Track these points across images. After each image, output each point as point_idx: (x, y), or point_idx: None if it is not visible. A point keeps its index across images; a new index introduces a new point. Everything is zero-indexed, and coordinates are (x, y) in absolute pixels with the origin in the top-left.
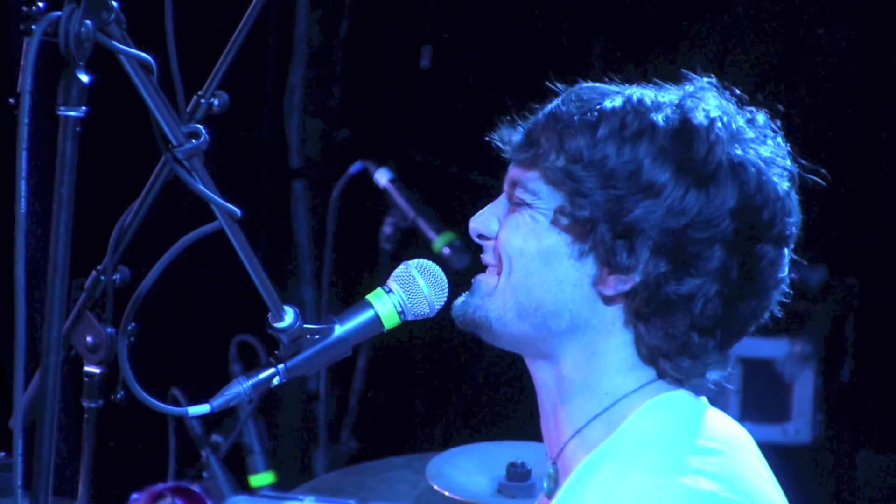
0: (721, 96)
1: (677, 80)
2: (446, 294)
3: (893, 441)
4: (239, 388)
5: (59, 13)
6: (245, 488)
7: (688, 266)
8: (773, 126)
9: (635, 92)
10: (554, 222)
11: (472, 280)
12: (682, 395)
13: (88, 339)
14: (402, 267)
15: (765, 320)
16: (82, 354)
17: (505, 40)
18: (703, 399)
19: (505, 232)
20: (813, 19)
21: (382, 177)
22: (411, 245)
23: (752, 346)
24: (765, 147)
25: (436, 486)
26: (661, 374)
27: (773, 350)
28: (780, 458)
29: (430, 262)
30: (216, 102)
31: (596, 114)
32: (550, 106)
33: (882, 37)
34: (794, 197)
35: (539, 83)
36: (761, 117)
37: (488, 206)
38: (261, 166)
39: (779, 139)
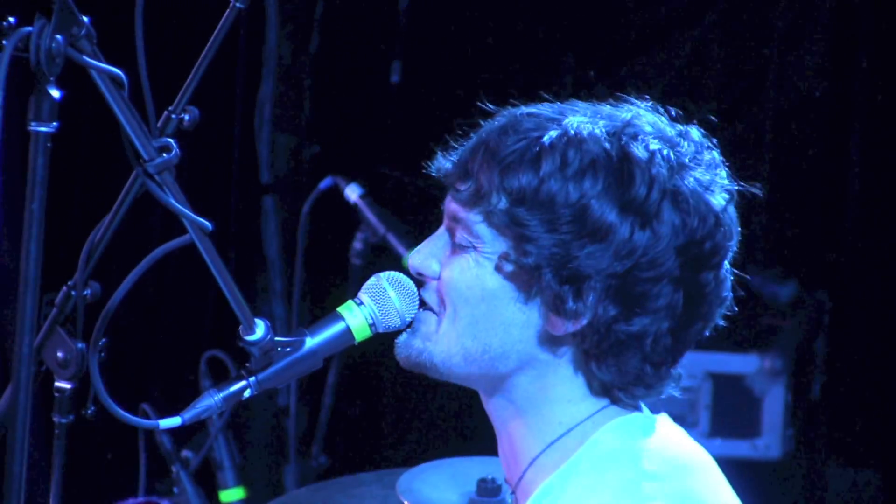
0: (657, 115)
1: (647, 94)
2: (417, 307)
3: (863, 456)
4: (210, 400)
5: (29, 28)
6: (215, 503)
7: (636, 306)
8: (708, 142)
9: (571, 121)
10: (498, 268)
11: (413, 318)
12: (637, 418)
13: (59, 354)
14: (373, 279)
15: (736, 336)
16: (53, 370)
17: (475, 56)
18: (662, 417)
19: (449, 275)
20: (783, 33)
21: (353, 192)
22: (382, 260)
23: (723, 362)
24: (701, 170)
25: (406, 502)
26: (615, 402)
27: (743, 365)
28: (750, 473)
29: (401, 275)
30: (186, 117)
31: (536, 149)
32: (483, 134)
33: (851, 50)
34: (734, 215)
35: (509, 99)
36: (695, 132)
37: (427, 241)
38: (231, 182)
39: (714, 153)
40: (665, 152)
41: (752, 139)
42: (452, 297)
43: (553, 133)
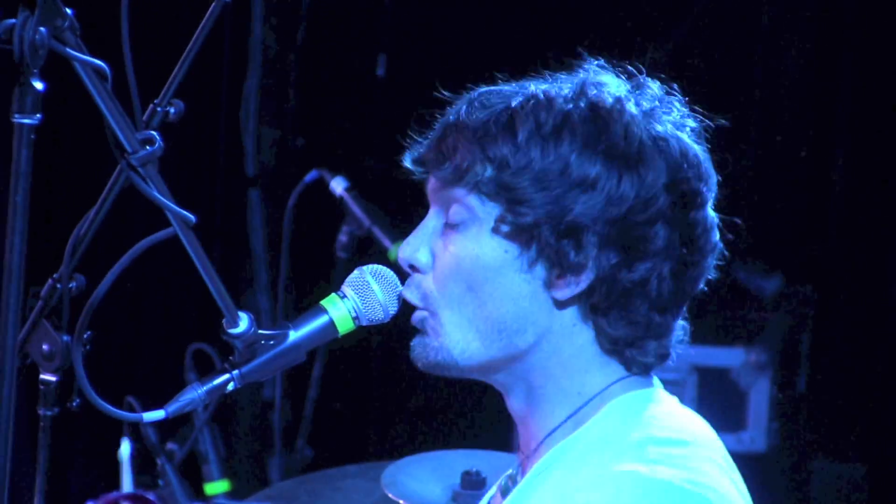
0: (611, 73)
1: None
2: (401, 300)
3: (848, 450)
4: (194, 393)
5: (13, 20)
6: (200, 496)
7: (636, 251)
8: (667, 89)
9: (534, 87)
10: (496, 230)
11: (415, 322)
12: (651, 392)
13: (44, 347)
14: (356, 272)
15: (722, 329)
16: (38, 362)
17: (460, 48)
18: (674, 398)
19: (447, 258)
20: (768, 28)
21: (338, 185)
22: (367, 253)
23: (708, 355)
24: (672, 114)
25: (390, 495)
26: (629, 365)
27: (728, 359)
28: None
29: (384, 268)
30: (172, 110)
31: (508, 116)
32: (452, 116)
33: (836, 44)
34: (707, 155)
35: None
36: (653, 84)
37: (414, 232)
38: (216, 174)
39: (675, 102)
40: (631, 97)
41: (737, 133)
42: (451, 287)
43: (520, 100)
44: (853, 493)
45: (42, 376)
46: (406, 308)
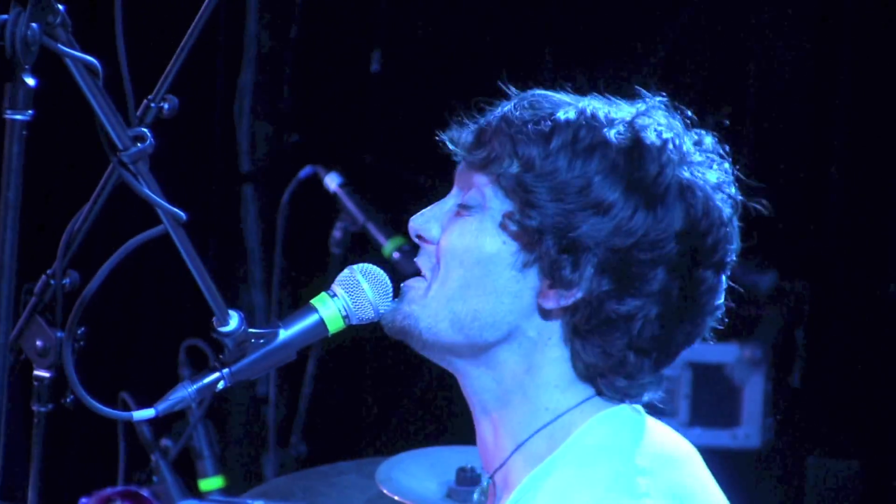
0: (671, 116)
1: (628, 88)
2: (391, 298)
3: (843, 446)
4: (184, 392)
5: (4, 17)
6: (194, 493)
7: (630, 286)
8: (720, 150)
9: (588, 105)
10: (502, 226)
11: (402, 286)
12: (624, 410)
13: (38, 343)
14: (346, 271)
15: (716, 325)
16: (32, 359)
17: (455, 44)
18: (644, 416)
19: (449, 236)
20: (762, 26)
21: (332, 181)
22: (361, 250)
23: (702, 351)
24: (712, 172)
25: (385, 491)
26: (598, 392)
27: (723, 355)
28: (729, 462)
29: (374, 267)
30: (166, 106)
31: (550, 123)
32: (503, 109)
33: (832, 43)
34: (737, 225)
35: (489, 87)
36: (709, 140)
37: (431, 206)
38: (211, 170)
39: (726, 165)
40: (677, 142)
41: (733, 129)
42: (447, 258)
43: (569, 112)
44: (848, 488)
45: (36, 372)
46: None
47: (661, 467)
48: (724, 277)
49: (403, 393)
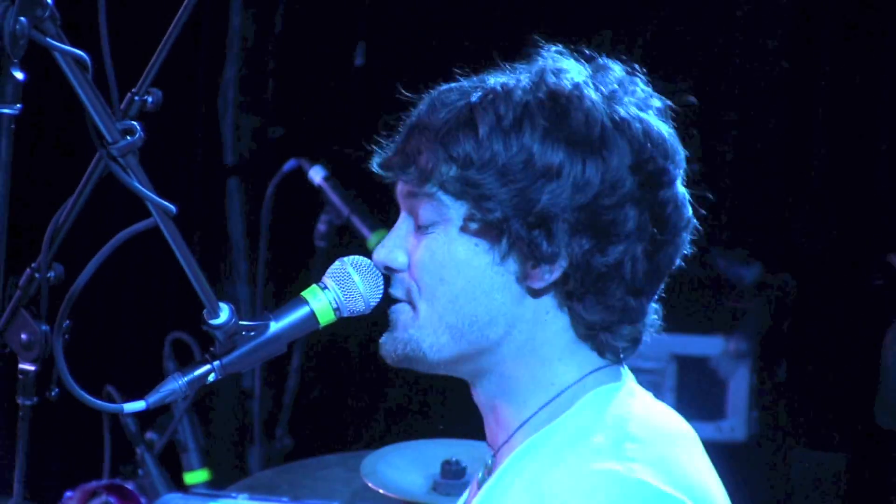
0: (576, 59)
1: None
2: (382, 291)
3: (828, 438)
4: (175, 384)
5: None
6: (180, 486)
7: (608, 235)
8: (627, 69)
9: (493, 80)
10: (466, 230)
11: (390, 313)
12: (624, 386)
13: (23, 336)
14: (337, 263)
15: (701, 318)
16: (17, 352)
17: (439, 37)
18: (647, 393)
19: (419, 257)
20: (746, 14)
21: (317, 174)
22: (346, 242)
23: (687, 344)
24: (633, 94)
25: (370, 484)
26: (602, 350)
27: (708, 347)
28: (715, 455)
29: (365, 259)
30: (150, 99)
31: (468, 113)
32: (413, 119)
33: (814, 31)
34: (674, 132)
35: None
36: (616, 67)
37: (390, 234)
38: (195, 164)
39: (637, 80)
40: (590, 82)
41: (715, 122)
42: (426, 279)
43: (479, 95)
44: (833, 481)
45: (21, 366)
46: (387, 297)
47: (653, 439)
48: (683, 189)
49: (389, 386)
